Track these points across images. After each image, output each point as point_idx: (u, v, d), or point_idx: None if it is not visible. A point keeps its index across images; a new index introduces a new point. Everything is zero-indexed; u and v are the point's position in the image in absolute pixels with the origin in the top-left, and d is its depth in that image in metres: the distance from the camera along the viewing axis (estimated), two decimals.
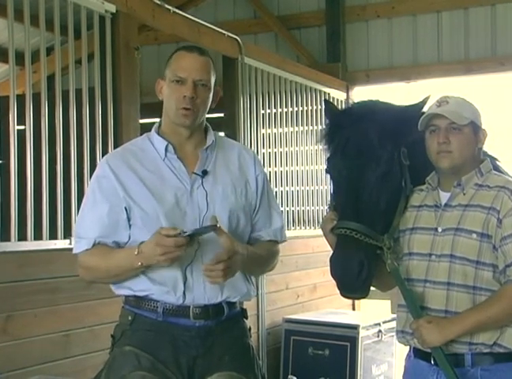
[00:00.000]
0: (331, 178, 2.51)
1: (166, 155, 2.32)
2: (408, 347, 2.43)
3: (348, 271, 2.27)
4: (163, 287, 2.24)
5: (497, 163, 2.57)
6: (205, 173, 2.31)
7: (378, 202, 2.35)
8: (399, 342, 2.44)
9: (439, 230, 2.32)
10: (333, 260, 2.32)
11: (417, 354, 2.36)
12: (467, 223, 2.26)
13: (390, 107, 2.51)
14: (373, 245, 2.31)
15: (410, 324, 2.29)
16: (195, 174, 2.31)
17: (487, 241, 2.23)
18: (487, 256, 2.24)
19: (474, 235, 2.24)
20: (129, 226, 2.28)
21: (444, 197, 2.36)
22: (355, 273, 2.26)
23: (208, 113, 2.38)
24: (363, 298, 2.44)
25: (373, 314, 5.94)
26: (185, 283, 2.24)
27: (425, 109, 2.41)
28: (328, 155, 2.50)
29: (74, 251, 2.32)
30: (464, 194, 2.32)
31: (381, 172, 2.36)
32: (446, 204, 2.34)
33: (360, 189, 2.36)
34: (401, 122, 2.41)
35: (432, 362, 2.28)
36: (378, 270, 2.35)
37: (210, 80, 2.31)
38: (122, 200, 2.26)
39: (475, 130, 2.33)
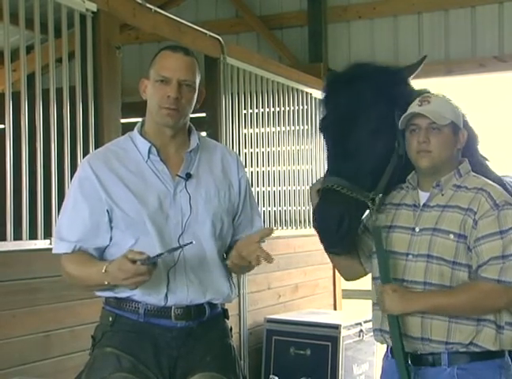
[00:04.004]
0: (324, 137, 2.50)
1: (149, 157, 2.29)
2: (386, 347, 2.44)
3: (328, 222, 2.27)
4: (145, 289, 2.21)
5: (486, 162, 2.60)
6: (188, 176, 2.29)
7: (367, 160, 2.35)
8: (376, 340, 2.45)
9: (417, 229, 2.33)
10: (315, 212, 2.33)
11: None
12: (444, 224, 2.28)
13: (385, 68, 2.52)
14: (357, 200, 2.31)
15: (377, 288, 2.30)
16: (179, 176, 2.28)
17: (463, 242, 2.25)
18: (463, 256, 2.25)
19: (451, 236, 2.26)
20: (111, 228, 2.26)
21: (423, 197, 2.37)
22: (336, 225, 2.26)
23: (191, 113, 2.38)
24: (343, 254, 2.42)
25: (354, 314, 5.95)
26: (168, 286, 2.22)
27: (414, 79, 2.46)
28: (323, 115, 2.50)
29: (54, 251, 2.30)
30: (442, 195, 2.34)
31: (371, 130, 2.35)
32: (424, 204, 2.36)
33: (350, 145, 2.36)
34: (396, 83, 2.43)
35: (409, 362, 2.29)
36: (350, 256, 2.38)
37: (195, 81, 2.29)
38: (104, 202, 2.24)
39: (454, 131, 2.34)
